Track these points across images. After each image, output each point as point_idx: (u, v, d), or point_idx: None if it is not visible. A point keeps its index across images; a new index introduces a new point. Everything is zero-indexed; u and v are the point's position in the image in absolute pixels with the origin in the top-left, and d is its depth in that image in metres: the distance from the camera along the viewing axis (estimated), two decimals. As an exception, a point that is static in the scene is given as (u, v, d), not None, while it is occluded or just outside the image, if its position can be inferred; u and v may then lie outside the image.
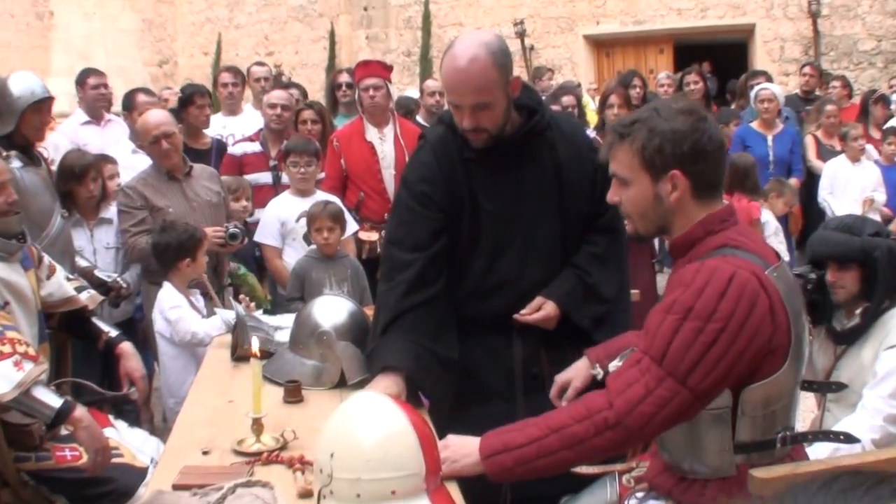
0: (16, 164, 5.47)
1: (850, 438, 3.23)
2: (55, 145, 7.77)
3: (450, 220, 3.96)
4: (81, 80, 8.73)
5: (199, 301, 5.77)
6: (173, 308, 5.50)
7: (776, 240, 8.49)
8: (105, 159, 7.15)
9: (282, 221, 6.73)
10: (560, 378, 3.70)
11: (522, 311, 3.97)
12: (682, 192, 2.95)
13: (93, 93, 8.60)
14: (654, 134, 2.94)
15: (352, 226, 6.78)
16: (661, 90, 11.11)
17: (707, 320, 2.75)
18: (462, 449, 3.06)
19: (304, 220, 6.44)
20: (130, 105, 8.21)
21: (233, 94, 9.25)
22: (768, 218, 8.58)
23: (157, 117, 6.45)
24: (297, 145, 6.93)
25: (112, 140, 7.98)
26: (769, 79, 11.21)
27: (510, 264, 4.02)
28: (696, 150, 2.92)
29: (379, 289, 4.13)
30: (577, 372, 3.64)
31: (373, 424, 2.63)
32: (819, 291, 4.22)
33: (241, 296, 5.96)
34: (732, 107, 11.46)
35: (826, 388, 3.94)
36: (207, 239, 5.91)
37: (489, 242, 4.01)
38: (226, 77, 9.43)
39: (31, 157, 5.88)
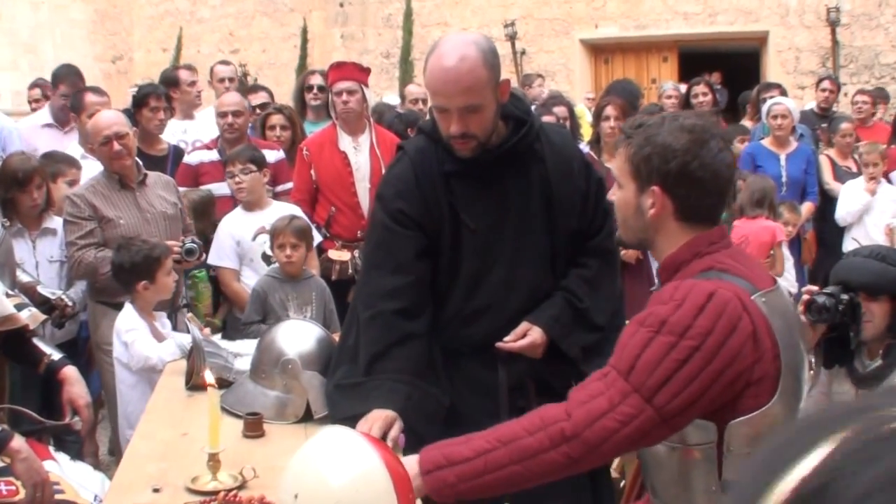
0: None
1: None
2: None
3: (429, 239, 3.97)
4: (58, 81, 8.72)
5: (166, 325, 5.73)
6: (129, 331, 5.48)
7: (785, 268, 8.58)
8: (70, 163, 7.16)
9: (237, 240, 6.72)
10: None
11: (506, 338, 3.97)
12: (661, 211, 3.02)
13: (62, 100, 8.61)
14: (648, 143, 3.00)
15: (315, 238, 6.71)
16: (668, 102, 11.12)
17: (681, 336, 2.77)
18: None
19: (261, 238, 6.43)
20: (79, 106, 8.06)
21: (191, 92, 9.25)
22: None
23: (108, 117, 6.42)
24: (234, 153, 6.99)
25: (73, 149, 7.93)
26: (783, 92, 11.22)
27: (493, 287, 4.03)
28: (683, 173, 2.97)
29: (360, 315, 4.08)
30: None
31: (342, 463, 2.64)
32: (850, 314, 4.19)
33: (190, 315, 5.92)
34: (744, 122, 11.45)
35: None
36: (170, 255, 5.85)
37: (471, 263, 4.02)
38: (185, 75, 9.47)
39: (-30, 161, 5.87)
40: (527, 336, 3.97)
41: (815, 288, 3.92)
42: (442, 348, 4.04)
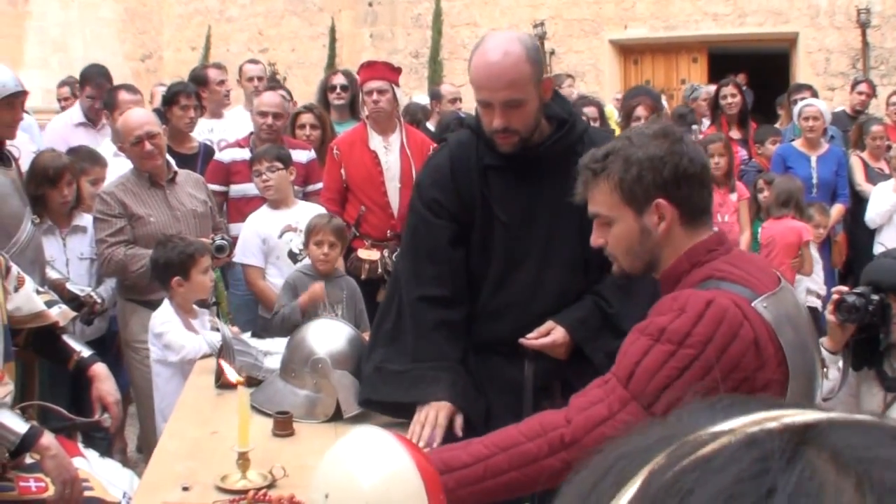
0: (-18, 164, 5.48)
1: None
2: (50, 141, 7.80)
3: (462, 230, 4.02)
4: (85, 82, 8.74)
5: (206, 325, 5.70)
6: (162, 324, 5.47)
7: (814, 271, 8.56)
8: (94, 160, 7.17)
9: (263, 238, 6.72)
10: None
11: (529, 335, 3.96)
12: (671, 222, 3.00)
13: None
14: (631, 163, 2.98)
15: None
16: (705, 104, 11.15)
17: (680, 344, 2.76)
18: None
19: (287, 236, 6.43)
20: (112, 103, 8.12)
21: (221, 91, 9.26)
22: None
23: (139, 116, 6.43)
24: (259, 151, 7.00)
25: (108, 146, 7.95)
26: (815, 94, 11.18)
27: (521, 284, 4.03)
28: (678, 174, 2.97)
29: (403, 300, 4.15)
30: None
31: (373, 463, 2.62)
32: (880, 315, 4.14)
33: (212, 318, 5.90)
34: (777, 125, 11.40)
35: None
36: (207, 254, 5.83)
37: (500, 258, 4.04)
38: (215, 74, 9.48)
39: (1, 157, 5.87)
40: (549, 335, 3.95)
41: (845, 288, 3.88)
42: (472, 344, 4.08)
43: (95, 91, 8.70)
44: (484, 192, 3.98)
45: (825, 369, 3.15)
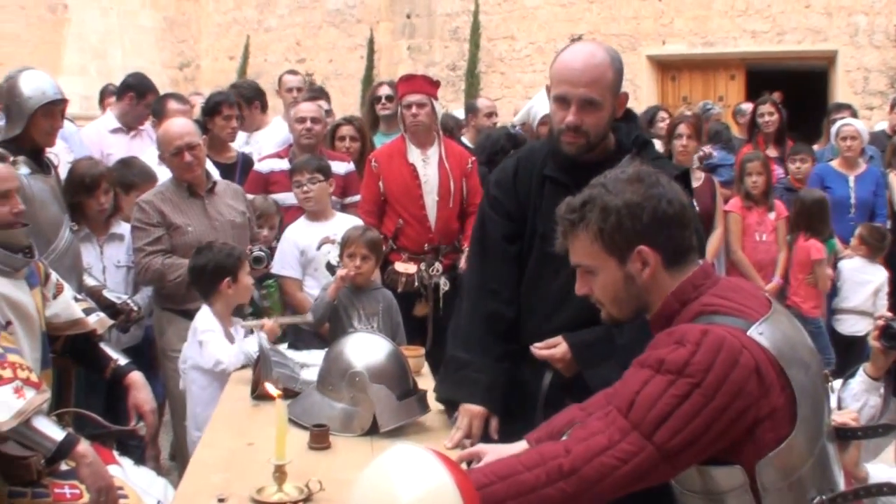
0: (23, 170, 5.48)
1: (893, 489, 3.12)
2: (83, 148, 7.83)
3: (515, 229, 4.17)
4: (140, 93, 8.76)
5: (239, 332, 5.71)
6: (205, 332, 5.46)
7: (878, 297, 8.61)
8: (147, 177, 7.09)
9: (301, 250, 6.71)
10: (473, 449, 3.62)
11: (538, 343, 4.03)
12: (655, 267, 3.02)
13: (145, 110, 8.67)
14: (609, 212, 3.00)
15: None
16: (743, 120, 11.14)
17: (679, 373, 2.75)
18: None
19: (325, 248, 6.42)
20: (161, 112, 8.15)
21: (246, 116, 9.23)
22: (868, 269, 8.86)
23: (180, 126, 6.44)
24: (300, 162, 6.98)
25: (138, 152, 7.98)
26: (854, 113, 11.11)
27: (551, 292, 4.08)
28: (657, 218, 2.99)
29: (466, 283, 4.53)
30: (501, 450, 3.45)
31: (414, 480, 2.61)
32: None
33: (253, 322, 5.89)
34: (817, 146, 11.31)
35: (872, 432, 3.81)
36: (246, 258, 5.83)
37: (535, 265, 4.14)
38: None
39: (39, 164, 5.90)
40: (555, 348, 4.01)
41: (890, 314, 3.82)
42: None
43: (136, 99, 8.73)
44: (536, 201, 4.10)
45: (830, 385, 3.10)
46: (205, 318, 5.53)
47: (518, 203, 4.16)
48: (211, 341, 5.41)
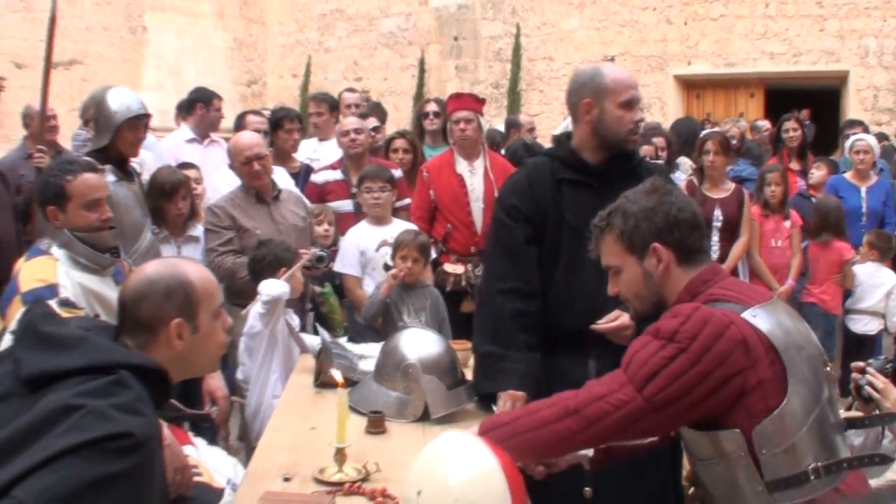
0: (110, 178, 5.52)
1: (884, 459, 3.14)
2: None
3: (535, 231, 4.24)
4: (208, 100, 8.83)
5: (294, 319, 5.75)
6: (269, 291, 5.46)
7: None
8: (187, 166, 7.31)
9: (361, 251, 6.72)
10: None
11: (599, 321, 4.09)
12: (668, 262, 3.20)
13: (215, 114, 8.73)
14: (628, 216, 3.24)
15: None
16: (758, 136, 11.08)
17: (670, 339, 2.91)
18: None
19: (383, 250, 6.43)
20: (241, 125, 8.24)
21: (317, 123, 9.30)
22: (880, 272, 8.84)
23: (249, 139, 6.51)
24: (370, 172, 6.96)
25: (212, 160, 8.05)
26: (866, 129, 11.06)
27: (585, 283, 4.13)
28: (669, 221, 3.20)
29: (485, 290, 4.46)
30: None
31: (463, 464, 2.62)
32: None
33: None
34: (835, 157, 11.24)
35: (878, 420, 3.75)
36: (299, 259, 5.87)
37: (568, 256, 4.21)
38: (311, 107, 9.59)
39: (124, 172, 5.93)
40: (617, 320, 4.09)
41: (857, 374, 3.79)
42: (542, 340, 4.23)
43: (219, 101, 8.83)
44: (557, 200, 4.23)
45: (829, 367, 3.12)
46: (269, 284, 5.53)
47: (536, 207, 4.26)
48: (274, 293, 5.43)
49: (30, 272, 4.31)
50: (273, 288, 5.36)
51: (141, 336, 2.88)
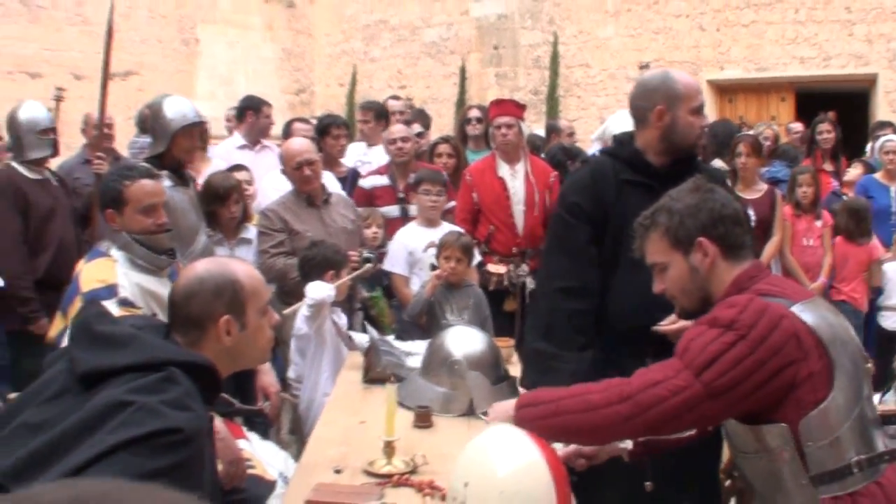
0: (167, 183, 5.55)
1: None
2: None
3: (596, 230, 4.16)
4: (257, 108, 8.87)
5: (341, 318, 5.76)
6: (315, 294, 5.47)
7: None
8: (238, 168, 7.36)
9: (409, 251, 6.73)
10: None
11: (661, 322, 4.00)
12: (713, 256, 3.15)
13: (265, 121, 8.76)
14: (674, 213, 3.20)
15: (475, 257, 6.71)
16: (795, 138, 11.07)
17: (728, 327, 2.85)
18: (504, 404, 3.17)
19: (431, 251, 6.44)
20: (289, 133, 8.31)
21: (364, 130, 9.33)
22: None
23: (300, 145, 6.54)
24: (428, 175, 6.96)
25: (263, 164, 8.09)
26: (895, 130, 10.95)
27: (647, 279, 3.98)
28: (713, 216, 3.16)
29: (542, 288, 4.44)
30: None
31: (509, 457, 2.62)
32: None
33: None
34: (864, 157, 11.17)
35: None
36: (349, 263, 5.88)
37: (629, 256, 4.00)
38: (359, 115, 9.67)
39: (180, 178, 5.97)
40: (679, 321, 3.97)
41: None
42: (601, 338, 4.17)
43: (268, 108, 8.87)
44: (621, 200, 4.12)
45: (869, 367, 3.11)
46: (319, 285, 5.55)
47: (599, 205, 4.15)
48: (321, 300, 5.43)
49: (90, 273, 4.35)
50: (318, 291, 5.37)
51: (191, 333, 2.91)
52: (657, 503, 3.58)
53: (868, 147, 11.62)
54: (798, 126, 12.13)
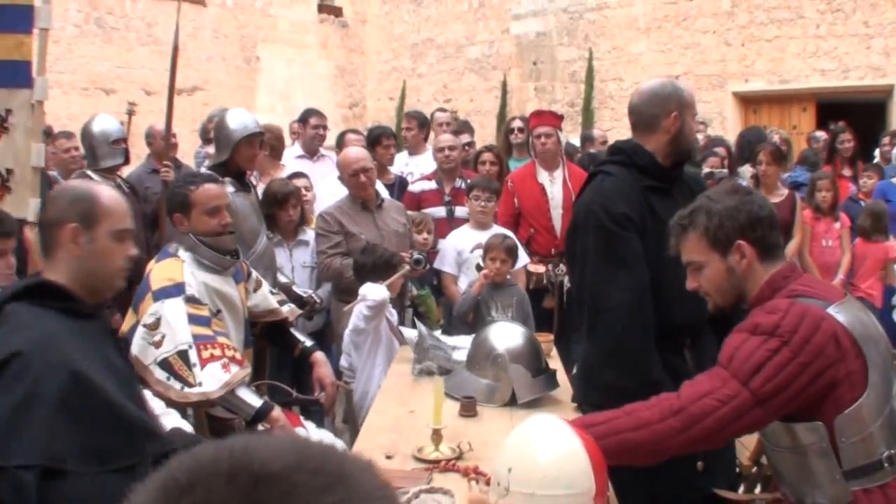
0: (229, 189, 5.56)
1: None
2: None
3: (640, 238, 3.87)
4: (304, 119, 8.91)
5: (393, 315, 5.75)
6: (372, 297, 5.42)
7: None
8: (297, 176, 7.39)
9: (458, 251, 6.70)
10: None
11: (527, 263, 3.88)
12: (750, 258, 3.06)
13: (312, 132, 8.78)
14: (713, 215, 3.10)
15: (523, 259, 6.69)
16: (817, 145, 11.10)
17: (771, 334, 2.79)
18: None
19: (478, 252, 6.41)
20: (342, 143, 8.47)
21: (407, 137, 9.34)
22: None
23: (356, 153, 6.57)
24: (481, 181, 6.94)
25: (320, 173, 8.12)
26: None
27: (681, 280, 3.87)
28: (752, 218, 3.07)
29: (595, 308, 3.87)
30: None
31: (550, 444, 2.60)
32: None
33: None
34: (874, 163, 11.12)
35: None
36: (403, 264, 5.86)
37: (665, 260, 3.86)
38: (404, 122, 9.71)
39: (242, 184, 5.99)
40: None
41: None
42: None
43: (319, 120, 8.93)
44: (652, 204, 3.86)
45: None
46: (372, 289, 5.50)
47: (640, 213, 3.81)
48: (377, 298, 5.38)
49: (160, 272, 4.36)
50: (376, 293, 5.35)
51: (46, 236, 2.98)
52: (704, 479, 3.56)
53: (876, 153, 11.61)
54: (822, 134, 12.07)
